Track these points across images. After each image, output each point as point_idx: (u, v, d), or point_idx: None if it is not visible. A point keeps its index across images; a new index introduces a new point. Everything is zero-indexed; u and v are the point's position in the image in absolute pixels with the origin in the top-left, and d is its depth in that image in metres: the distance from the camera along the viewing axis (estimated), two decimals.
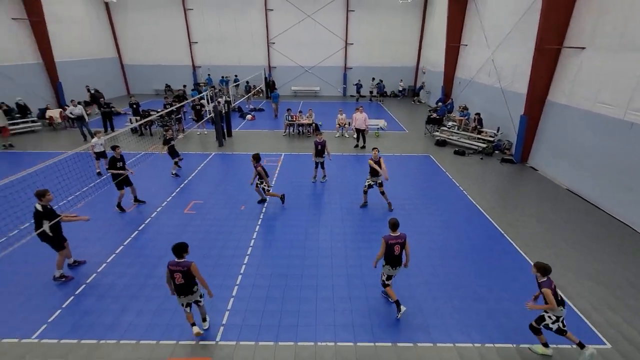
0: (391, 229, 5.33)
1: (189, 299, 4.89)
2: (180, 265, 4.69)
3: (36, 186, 6.42)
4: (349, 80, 26.15)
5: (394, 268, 5.42)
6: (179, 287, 4.76)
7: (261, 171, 8.56)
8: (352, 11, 24.00)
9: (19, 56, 17.47)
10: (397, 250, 5.29)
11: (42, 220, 5.79)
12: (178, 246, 4.72)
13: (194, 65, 26.17)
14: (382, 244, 5.26)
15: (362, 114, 13.40)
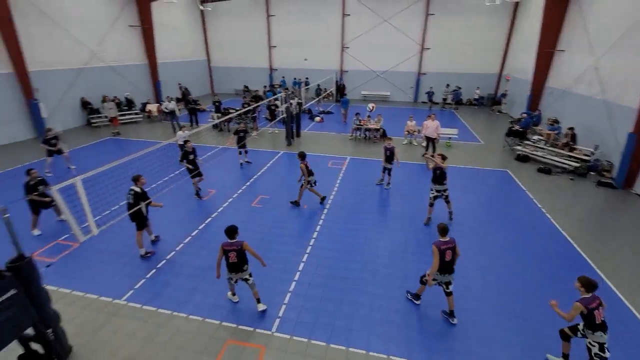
0: (441, 234, 5.16)
1: (239, 275, 5.40)
2: (234, 245, 5.20)
3: (136, 170, 7.44)
4: (421, 86, 25.21)
5: (442, 274, 5.24)
6: (232, 265, 5.28)
7: (303, 168, 8.76)
8: (432, 15, 23.10)
9: (130, 57, 20.46)
10: (448, 256, 5.13)
11: (140, 201, 6.68)
12: (230, 229, 5.24)
13: (271, 67, 27.75)
14: (435, 251, 5.08)
15: (434, 121, 12.79)
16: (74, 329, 5.20)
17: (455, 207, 8.63)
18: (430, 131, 12.77)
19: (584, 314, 4.11)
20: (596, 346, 4.16)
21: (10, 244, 4.01)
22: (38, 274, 4.22)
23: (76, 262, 6.86)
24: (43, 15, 15.19)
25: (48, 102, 15.69)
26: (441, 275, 5.26)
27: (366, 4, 23.74)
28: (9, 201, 5.77)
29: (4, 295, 3.64)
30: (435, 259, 5.07)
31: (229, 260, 5.25)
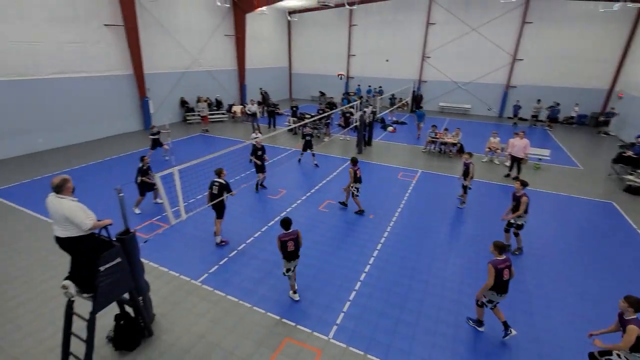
0: (498, 252, 4.99)
1: (296, 262, 5.83)
2: (291, 235, 5.63)
3: (219, 164, 8.16)
4: (508, 100, 23.05)
5: (499, 294, 5.04)
6: (290, 253, 5.64)
7: (351, 172, 8.73)
8: (529, 23, 21.02)
9: (223, 63, 22.71)
10: (506, 275, 4.97)
11: (224, 192, 7.34)
12: (286, 220, 5.65)
13: (348, 75, 28.17)
14: (491, 270, 4.90)
15: (522, 139, 11.57)
16: (158, 299, 5.90)
17: (540, 238, 7.65)
18: (517, 150, 11.59)
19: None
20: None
21: (119, 218, 4.74)
22: (138, 247, 4.89)
23: (165, 241, 7.79)
24: (160, 26, 17.76)
25: (155, 100, 18.23)
26: (498, 296, 5.04)
27: (455, 12, 22.66)
28: (123, 182, 6.82)
29: (113, 261, 4.30)
30: (490, 278, 4.89)
31: (287, 249, 5.60)
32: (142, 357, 4.83)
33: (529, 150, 11.78)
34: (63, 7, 13.60)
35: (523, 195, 7.03)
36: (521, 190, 7.12)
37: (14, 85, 12.70)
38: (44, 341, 5.05)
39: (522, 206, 6.96)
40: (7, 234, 7.92)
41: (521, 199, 7.00)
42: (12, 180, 10.92)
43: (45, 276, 6.50)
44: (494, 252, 5.04)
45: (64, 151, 13.99)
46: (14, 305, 5.77)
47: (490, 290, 5.03)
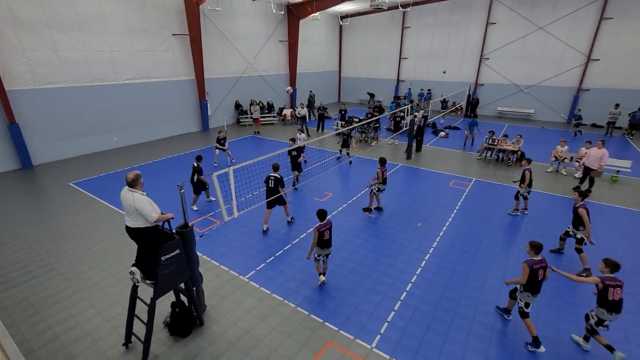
0: (534, 252, 4.97)
1: (329, 250, 6.28)
2: (327, 225, 6.04)
3: (268, 166, 8.44)
4: (579, 105, 20.82)
5: (534, 295, 5.03)
6: (325, 241, 6.10)
7: (379, 173, 8.85)
8: (608, 19, 18.83)
9: (276, 68, 23.55)
10: (541, 275, 4.97)
11: (279, 186, 7.97)
12: (322, 211, 6.04)
13: (399, 79, 27.58)
14: (525, 269, 4.93)
15: (600, 149, 10.30)
16: (209, 291, 6.25)
17: None
18: (592, 160, 10.39)
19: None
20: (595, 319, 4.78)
21: (178, 212, 5.11)
22: (194, 240, 5.23)
23: (217, 236, 8.24)
24: (221, 34, 18.94)
25: (212, 103, 19.47)
26: (533, 297, 5.03)
27: (518, 10, 21.09)
28: (184, 179, 7.36)
29: (173, 252, 4.65)
30: (524, 276, 4.94)
31: (324, 237, 6.05)
32: (193, 344, 5.14)
33: (605, 162, 10.50)
34: (139, 20, 15.13)
35: (581, 207, 6.51)
36: (580, 201, 6.63)
37: (97, 90, 14.40)
38: (111, 319, 5.60)
39: (583, 218, 6.50)
40: (86, 221, 8.95)
41: (578, 211, 6.49)
42: (92, 173, 12.35)
43: (115, 261, 7.22)
44: (530, 252, 5.04)
45: (134, 149, 15.50)
46: (89, 284, 6.49)
47: (526, 292, 5.04)
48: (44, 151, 13.37)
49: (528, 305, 5.09)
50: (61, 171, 12.59)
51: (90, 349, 5.05)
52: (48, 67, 12.89)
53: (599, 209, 9.71)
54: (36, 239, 8.06)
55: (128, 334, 5.06)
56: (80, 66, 13.72)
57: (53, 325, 5.48)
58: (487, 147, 14.08)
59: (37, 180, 11.81)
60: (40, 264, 7.09)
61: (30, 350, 4.99)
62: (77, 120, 14.06)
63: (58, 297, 6.13)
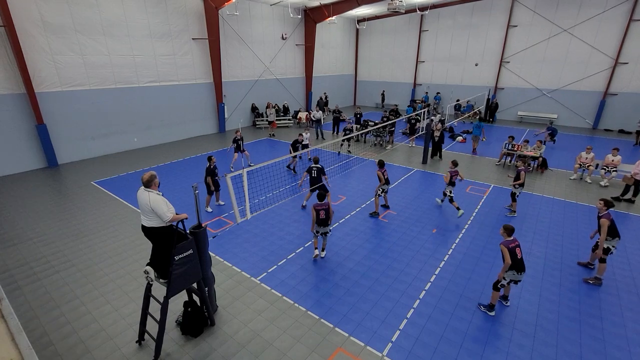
0: (507, 234, 5.51)
1: (324, 229, 7.04)
2: (323, 205, 6.89)
3: (282, 168, 8.46)
4: (605, 110, 20.01)
5: (519, 273, 5.53)
6: (321, 220, 6.90)
7: (379, 175, 9.00)
8: (638, 21, 18.04)
9: (292, 72, 23.73)
10: (519, 254, 5.48)
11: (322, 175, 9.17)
12: (321, 193, 6.95)
13: (415, 82, 27.28)
14: (503, 250, 5.41)
15: None
16: (221, 292, 6.30)
17: None
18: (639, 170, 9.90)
19: None
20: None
21: (192, 213, 5.18)
22: (207, 241, 5.28)
23: (230, 237, 8.31)
24: (238, 38, 19.27)
25: (229, 106, 19.78)
26: (519, 274, 5.54)
27: (542, 12, 20.50)
28: (199, 180, 7.47)
29: (186, 252, 4.71)
30: (506, 257, 5.37)
31: (319, 217, 6.85)
32: (204, 344, 5.18)
33: None
34: (160, 25, 15.58)
35: (602, 217, 6.42)
36: (604, 210, 6.46)
37: (120, 92, 14.89)
38: (126, 317, 5.72)
39: (602, 229, 6.36)
40: (106, 219, 9.22)
41: (600, 221, 6.43)
42: (113, 172, 12.75)
43: (131, 259, 7.39)
44: (504, 235, 5.55)
45: (153, 150, 15.90)
46: (106, 281, 6.66)
47: (511, 270, 5.50)
48: (68, 151, 13.90)
49: (512, 282, 5.67)
50: (84, 170, 13.05)
51: (105, 344, 5.16)
52: (75, 70, 13.43)
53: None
54: (59, 235, 8.36)
55: (141, 331, 5.15)
56: (104, 69, 14.23)
57: (71, 320, 5.64)
58: (506, 152, 13.68)
59: (61, 178, 12.28)
60: (62, 260, 7.34)
61: (49, 344, 5.15)
62: (100, 121, 14.57)
63: (77, 293, 6.31)
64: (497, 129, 20.86)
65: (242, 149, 12.97)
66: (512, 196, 9.42)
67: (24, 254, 7.55)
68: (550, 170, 13.17)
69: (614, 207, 6.51)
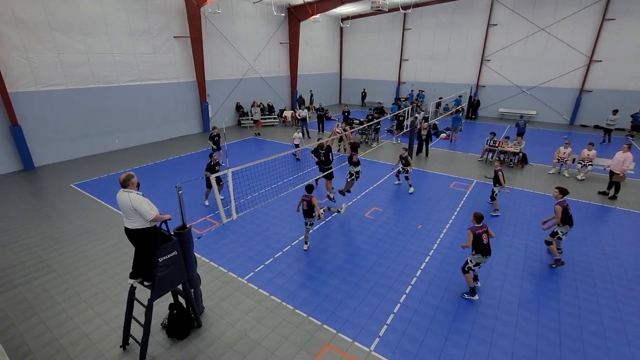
0: (476, 221, 5.92)
1: (309, 220, 7.47)
2: (307, 197, 7.31)
3: (270, 167, 8.43)
4: (581, 106, 20.75)
5: (484, 257, 5.93)
6: (304, 211, 7.37)
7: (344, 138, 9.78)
8: (610, 20, 18.75)
9: (277, 70, 23.60)
10: (486, 239, 5.86)
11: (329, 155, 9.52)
12: (309, 185, 7.50)
13: (400, 81, 27.57)
14: (469, 234, 5.84)
15: (625, 152, 10.10)
16: (207, 293, 6.23)
17: (622, 266, 6.69)
18: (615, 164, 10.24)
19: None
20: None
21: (177, 214, 5.10)
22: (192, 242, 5.21)
23: (216, 238, 8.22)
24: (222, 36, 19.01)
25: (213, 105, 19.52)
26: (484, 258, 5.93)
27: (520, 12, 21.05)
28: (184, 181, 7.35)
29: (170, 254, 4.63)
30: (469, 241, 5.83)
31: (303, 207, 7.34)
32: (191, 346, 5.12)
33: (628, 165, 10.21)
34: (140, 22, 15.21)
35: (557, 204, 6.79)
36: (559, 197, 6.87)
37: (99, 92, 14.47)
38: (109, 321, 5.59)
39: (556, 215, 6.76)
40: (87, 222, 8.97)
41: (555, 207, 6.81)
42: (93, 175, 12.39)
43: (114, 262, 7.22)
44: (473, 221, 5.97)
45: (136, 151, 15.54)
46: (88, 285, 6.49)
47: (477, 255, 5.90)
48: (46, 153, 13.43)
49: (478, 265, 6.03)
50: (63, 173, 12.64)
51: (88, 350, 5.03)
52: (50, 69, 12.96)
53: (624, 215, 9.65)
54: (37, 240, 8.08)
55: (126, 336, 5.04)
56: (82, 68, 13.79)
57: (52, 328, 5.47)
58: (488, 148, 14.02)
59: (38, 181, 11.86)
60: (41, 266, 7.10)
61: (28, 353, 4.98)
62: (79, 122, 14.12)
63: (57, 299, 6.12)
64: (479, 125, 21.34)
65: (219, 147, 12.94)
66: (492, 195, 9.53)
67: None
68: (530, 165, 13.58)
69: (568, 195, 6.95)
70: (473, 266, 6.04)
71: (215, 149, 12.92)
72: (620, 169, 10.12)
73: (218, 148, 13.02)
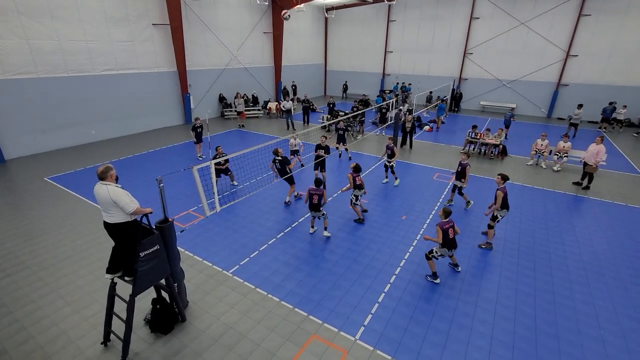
0: (444, 216, 6.17)
1: (317, 214, 7.61)
2: (317, 191, 7.36)
3: (254, 159, 8.33)
4: (558, 100, 21.42)
5: (450, 250, 6.28)
6: (313, 205, 7.43)
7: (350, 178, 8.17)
8: (587, 16, 19.31)
9: (261, 60, 23.16)
10: (452, 234, 6.17)
11: (285, 165, 8.87)
12: (318, 180, 7.42)
13: (384, 73, 27.62)
14: (438, 230, 6.09)
15: (598, 145, 10.50)
16: (191, 287, 6.14)
17: (596, 253, 7.00)
18: (588, 156, 10.65)
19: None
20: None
21: (159, 207, 4.97)
22: (175, 236, 5.10)
23: (199, 231, 8.08)
24: (203, 24, 18.44)
25: (195, 96, 19.02)
26: (449, 251, 6.29)
27: (501, 6, 21.37)
28: (164, 174, 7.14)
29: (152, 248, 4.52)
30: (439, 237, 6.08)
31: (312, 201, 7.34)
32: (175, 341, 5.05)
33: (601, 157, 10.62)
34: (116, 9, 14.55)
35: (499, 189, 7.09)
36: (501, 183, 7.17)
37: (73, 81, 13.82)
38: (89, 318, 5.44)
39: (496, 200, 7.10)
40: (62, 217, 8.63)
41: (496, 193, 7.12)
42: (68, 167, 11.90)
43: (93, 257, 7.00)
44: (441, 216, 6.19)
45: (113, 142, 15.00)
46: (65, 282, 6.27)
47: (443, 248, 6.21)
48: (17, 145, 12.77)
49: (442, 256, 6.35)
50: (36, 166, 12.08)
51: (67, 348, 4.89)
52: (19, 56, 12.25)
53: (595, 204, 10.06)
54: (9, 236, 7.72)
55: (107, 332, 4.92)
56: (54, 56, 13.11)
57: (27, 326, 5.27)
58: (469, 140, 14.30)
59: (10, 175, 11.30)
60: (14, 262, 6.80)
61: (3, 352, 4.80)
62: (53, 113, 13.48)
63: (32, 297, 5.90)
64: (461, 118, 21.71)
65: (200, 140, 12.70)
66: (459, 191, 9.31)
67: None
68: (510, 157, 13.96)
69: (509, 180, 7.35)
70: (437, 256, 6.39)
71: (196, 141, 12.68)
72: (593, 160, 10.54)
73: (199, 140, 12.76)
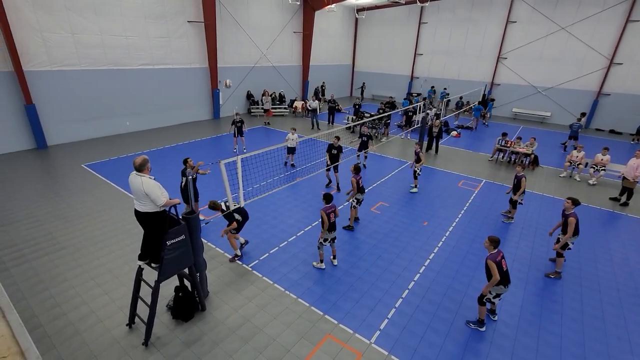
0: (493, 246, 5.16)
1: (334, 234, 6.58)
2: (332, 207, 6.45)
3: (277, 155, 8.44)
4: (599, 110, 20.25)
5: (505, 287, 5.23)
6: (332, 224, 6.39)
7: (353, 182, 7.83)
8: (635, 21, 18.14)
9: (289, 59, 23.41)
10: (505, 265, 5.22)
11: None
12: (328, 195, 6.46)
13: (413, 75, 27.18)
14: (492, 265, 5.02)
15: (639, 159, 9.89)
16: (212, 278, 6.33)
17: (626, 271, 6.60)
18: (627, 170, 10.05)
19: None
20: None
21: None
22: (200, 227, 5.28)
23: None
24: (235, 23, 18.89)
25: (224, 92, 19.51)
26: (505, 288, 5.23)
27: (541, 9, 20.47)
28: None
29: (178, 238, 4.70)
30: (495, 272, 5.00)
31: (330, 220, 6.33)
32: (194, 328, 5.23)
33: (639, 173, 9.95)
34: (155, 6, 15.17)
35: (570, 215, 6.50)
36: (571, 209, 6.55)
37: (112, 74, 14.55)
38: (116, 300, 5.73)
39: (569, 227, 6.45)
40: (96, 202, 9.13)
41: (568, 219, 6.48)
42: (104, 156, 12.56)
43: (122, 243, 7.36)
44: (489, 248, 5.20)
45: (146, 134, 15.67)
46: (96, 264, 6.64)
47: (497, 285, 5.15)
48: (58, 132, 13.62)
49: (497, 297, 5.32)
50: (74, 153, 12.83)
51: (95, 326, 5.18)
52: (65, 49, 13.05)
53: (634, 222, 9.50)
54: (48, 217, 8.26)
55: (132, 314, 5.17)
56: (96, 49, 13.86)
57: (61, 303, 5.63)
58: (499, 148, 13.82)
59: (50, 160, 12.06)
60: (52, 242, 7.27)
61: (38, 325, 5.15)
62: (92, 104, 14.26)
63: (67, 275, 6.28)
64: (491, 125, 21.00)
65: (242, 134, 13.10)
66: (512, 203, 8.89)
67: (12, 235, 7.45)
68: (541, 167, 13.38)
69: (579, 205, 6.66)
70: (493, 298, 5.31)
71: (236, 134, 13.09)
72: (632, 175, 9.91)
73: (241, 134, 13.18)
